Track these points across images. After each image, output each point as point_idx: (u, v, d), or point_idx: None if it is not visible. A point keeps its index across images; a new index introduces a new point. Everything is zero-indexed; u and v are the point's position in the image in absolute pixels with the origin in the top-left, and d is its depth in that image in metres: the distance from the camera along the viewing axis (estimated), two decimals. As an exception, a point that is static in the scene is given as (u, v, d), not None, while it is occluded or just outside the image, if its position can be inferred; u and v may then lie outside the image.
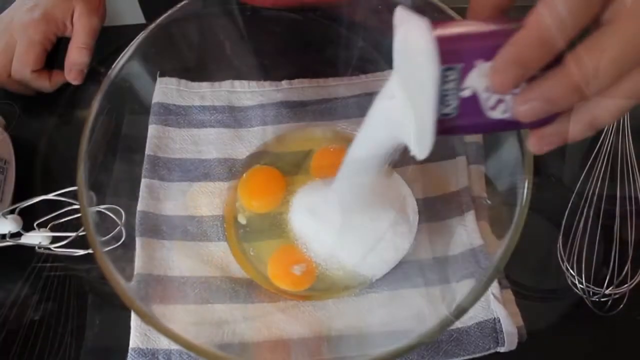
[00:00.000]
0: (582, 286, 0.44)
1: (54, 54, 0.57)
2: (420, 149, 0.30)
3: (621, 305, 0.43)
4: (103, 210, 0.40)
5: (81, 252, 0.46)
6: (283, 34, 0.52)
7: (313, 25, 0.52)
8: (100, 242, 0.36)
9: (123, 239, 0.42)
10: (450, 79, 0.27)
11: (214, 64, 0.52)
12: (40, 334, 0.44)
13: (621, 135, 0.50)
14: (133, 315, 0.42)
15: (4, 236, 0.47)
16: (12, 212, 0.47)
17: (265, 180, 0.48)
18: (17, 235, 0.47)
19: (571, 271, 0.44)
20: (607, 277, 0.44)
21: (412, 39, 0.27)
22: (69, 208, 0.47)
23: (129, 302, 0.34)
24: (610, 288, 0.43)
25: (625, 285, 0.43)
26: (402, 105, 0.29)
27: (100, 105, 0.40)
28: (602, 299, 0.44)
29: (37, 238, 0.46)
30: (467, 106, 0.28)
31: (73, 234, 0.46)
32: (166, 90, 0.52)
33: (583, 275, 0.44)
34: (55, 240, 0.46)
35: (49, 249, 0.46)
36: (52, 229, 0.47)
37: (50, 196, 0.46)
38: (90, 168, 0.38)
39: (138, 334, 0.42)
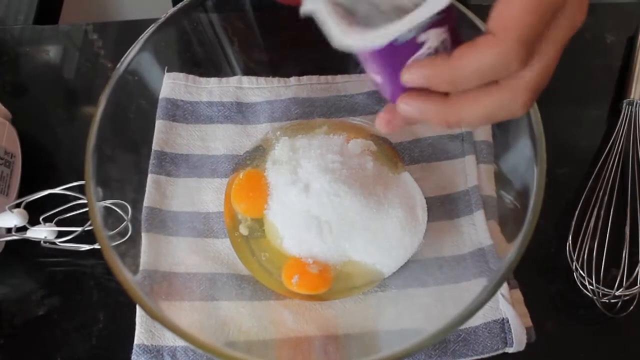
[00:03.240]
0: (592, 287, 0.43)
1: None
2: None
3: (631, 307, 0.43)
4: (109, 205, 0.40)
5: (87, 247, 0.46)
6: (292, 30, 0.52)
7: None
8: (107, 237, 0.36)
9: (129, 234, 0.42)
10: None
11: (222, 59, 0.51)
12: (45, 330, 0.44)
13: (632, 136, 0.50)
14: (138, 312, 0.42)
15: (9, 230, 0.46)
16: (18, 206, 0.47)
17: (253, 185, 0.46)
18: (22, 229, 0.46)
19: (581, 272, 0.44)
20: (618, 279, 0.43)
21: None
22: (75, 203, 0.46)
23: (135, 297, 0.34)
24: (621, 289, 0.43)
25: (636, 287, 0.43)
26: None
27: (108, 99, 0.40)
28: (612, 301, 0.43)
29: (42, 232, 0.46)
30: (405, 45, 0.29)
31: (79, 229, 0.45)
32: (174, 86, 0.51)
33: (593, 277, 0.43)
34: (60, 234, 0.46)
35: (55, 243, 0.46)
36: (58, 224, 0.46)
37: (56, 190, 0.46)
38: (98, 162, 0.38)
39: (143, 331, 0.41)
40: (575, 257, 0.45)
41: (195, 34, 0.48)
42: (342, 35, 0.29)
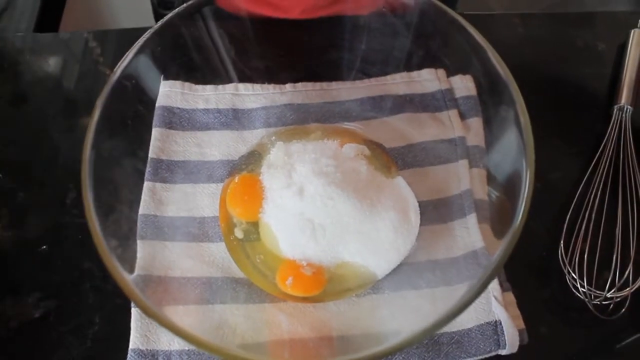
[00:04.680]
0: (583, 289, 0.44)
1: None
2: None
3: (623, 309, 0.43)
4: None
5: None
6: (288, 38, 0.53)
7: (317, 29, 0.52)
8: (105, 239, 0.36)
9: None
10: None
11: (218, 65, 0.52)
12: (41, 332, 0.44)
13: (623, 139, 0.50)
14: (133, 316, 0.42)
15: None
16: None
17: (248, 189, 0.47)
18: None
19: (573, 274, 0.44)
20: (609, 281, 0.44)
21: None
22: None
23: (134, 298, 0.34)
24: (612, 291, 0.43)
25: (627, 289, 0.43)
26: None
27: (105, 103, 0.40)
28: (604, 303, 0.44)
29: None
30: None
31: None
32: (170, 94, 0.52)
33: (585, 279, 0.44)
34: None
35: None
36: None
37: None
38: (95, 166, 0.38)
39: (138, 335, 0.42)
40: (567, 260, 0.45)
41: (192, 41, 0.49)
42: None
